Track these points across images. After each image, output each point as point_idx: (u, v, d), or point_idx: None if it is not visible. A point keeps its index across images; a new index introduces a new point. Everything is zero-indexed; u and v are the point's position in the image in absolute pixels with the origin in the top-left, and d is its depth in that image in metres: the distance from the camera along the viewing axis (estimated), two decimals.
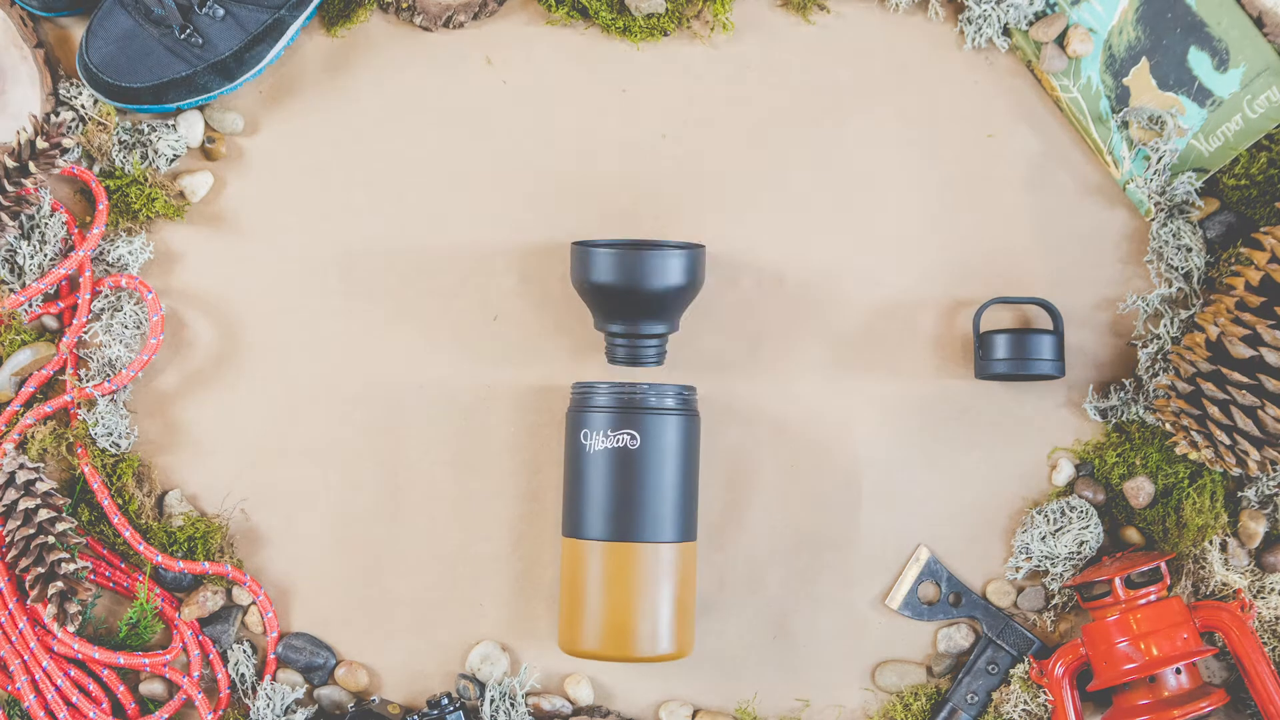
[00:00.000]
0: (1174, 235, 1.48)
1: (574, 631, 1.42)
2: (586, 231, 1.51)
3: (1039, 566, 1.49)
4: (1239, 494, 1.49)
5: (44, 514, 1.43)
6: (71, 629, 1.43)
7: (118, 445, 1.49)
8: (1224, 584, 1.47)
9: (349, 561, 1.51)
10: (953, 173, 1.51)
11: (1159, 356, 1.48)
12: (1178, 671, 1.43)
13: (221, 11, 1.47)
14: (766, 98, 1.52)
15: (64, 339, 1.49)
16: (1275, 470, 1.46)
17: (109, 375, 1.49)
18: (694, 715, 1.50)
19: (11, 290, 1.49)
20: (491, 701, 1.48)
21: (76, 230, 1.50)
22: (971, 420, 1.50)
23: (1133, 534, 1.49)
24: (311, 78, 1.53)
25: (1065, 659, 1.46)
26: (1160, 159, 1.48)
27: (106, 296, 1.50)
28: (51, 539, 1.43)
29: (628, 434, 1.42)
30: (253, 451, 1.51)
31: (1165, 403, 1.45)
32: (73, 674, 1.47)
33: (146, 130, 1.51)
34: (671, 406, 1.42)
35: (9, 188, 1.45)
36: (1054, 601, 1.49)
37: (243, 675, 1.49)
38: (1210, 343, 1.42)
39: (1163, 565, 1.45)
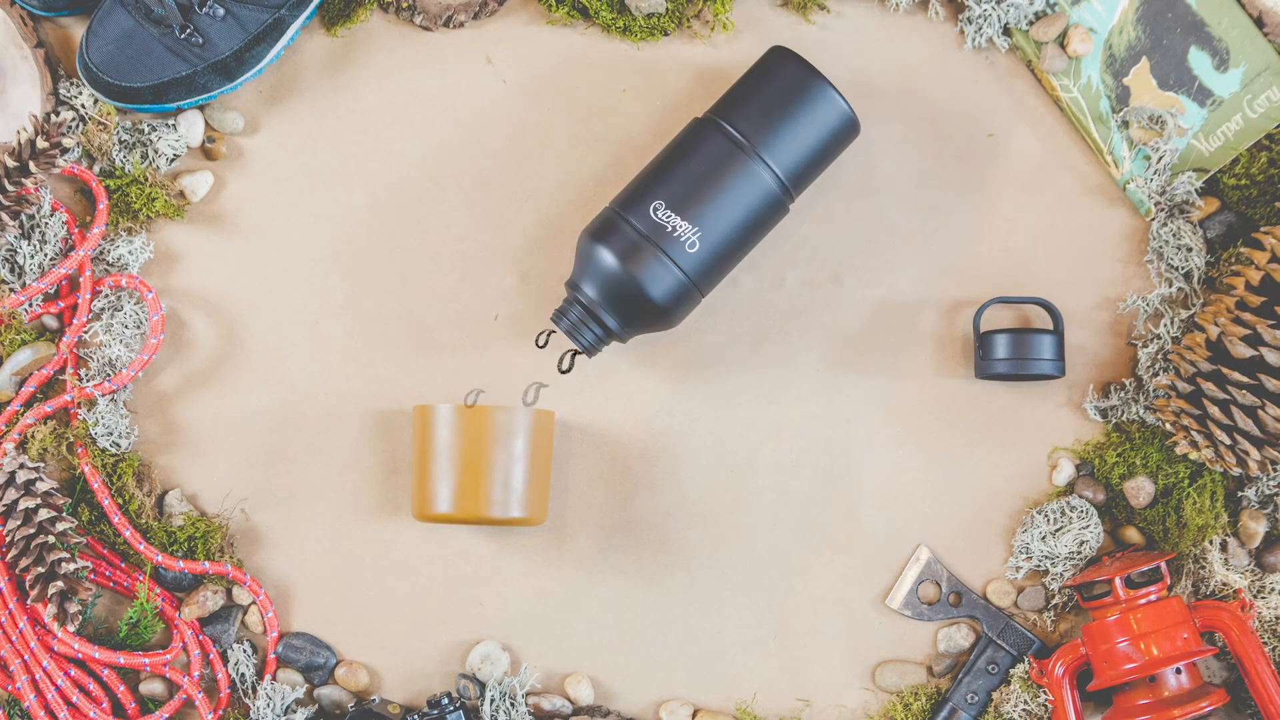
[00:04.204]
0: (1174, 235, 1.48)
1: None
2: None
3: (1039, 566, 1.49)
4: (1239, 494, 1.49)
5: (44, 514, 1.43)
6: (71, 629, 1.43)
7: (118, 445, 1.49)
8: (1224, 584, 1.47)
9: (349, 561, 1.51)
10: (953, 173, 1.51)
11: (1159, 356, 1.48)
12: (1178, 671, 1.43)
13: (222, 11, 1.47)
14: None
15: (64, 339, 1.49)
16: (1275, 470, 1.46)
17: (109, 375, 1.49)
18: (694, 715, 1.50)
19: (11, 290, 1.49)
20: (491, 701, 1.48)
21: (76, 230, 1.50)
22: (971, 420, 1.50)
23: (1133, 534, 1.49)
24: (311, 78, 1.53)
25: (1065, 659, 1.46)
26: (1160, 159, 1.48)
27: (106, 296, 1.50)
28: (51, 539, 1.43)
29: None
30: (253, 451, 1.51)
31: (1165, 402, 1.44)
32: (73, 674, 1.47)
33: (146, 130, 1.51)
34: None
35: (9, 187, 1.45)
36: (1054, 601, 1.49)
37: (243, 675, 1.49)
38: (1210, 342, 1.42)
39: (1163, 565, 1.45)
